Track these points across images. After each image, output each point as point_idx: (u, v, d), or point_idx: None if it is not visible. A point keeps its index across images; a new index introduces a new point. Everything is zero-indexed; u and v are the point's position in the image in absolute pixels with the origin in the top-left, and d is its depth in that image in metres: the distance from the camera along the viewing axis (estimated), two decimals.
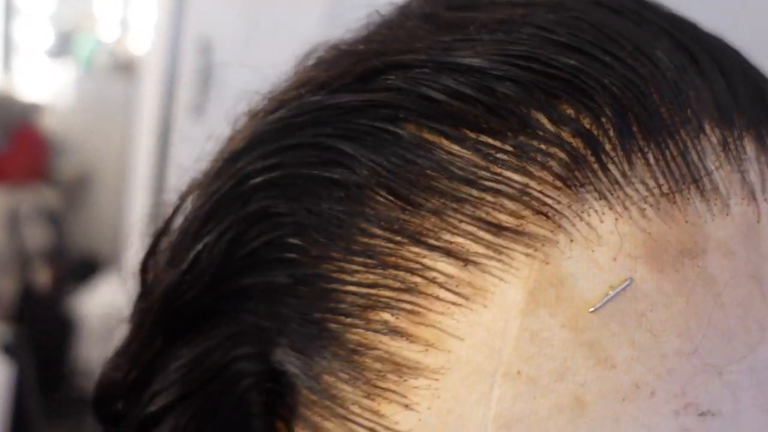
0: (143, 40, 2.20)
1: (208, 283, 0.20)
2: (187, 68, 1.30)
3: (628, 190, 0.17)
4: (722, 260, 0.17)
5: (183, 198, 0.21)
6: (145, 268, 0.22)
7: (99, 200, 2.13)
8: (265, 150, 0.19)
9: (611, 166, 0.17)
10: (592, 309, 0.16)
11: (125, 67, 2.14)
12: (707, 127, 0.18)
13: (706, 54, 0.19)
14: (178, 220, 0.21)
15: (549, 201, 0.17)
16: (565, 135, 0.17)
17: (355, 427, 0.18)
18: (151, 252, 0.22)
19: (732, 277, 0.17)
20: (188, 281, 0.20)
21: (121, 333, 0.23)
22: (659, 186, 0.17)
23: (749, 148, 0.18)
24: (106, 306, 1.83)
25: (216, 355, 0.20)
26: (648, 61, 0.18)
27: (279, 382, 0.20)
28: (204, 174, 0.21)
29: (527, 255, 0.17)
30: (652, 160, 0.17)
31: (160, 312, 0.21)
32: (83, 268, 2.01)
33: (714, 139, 0.18)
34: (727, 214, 0.17)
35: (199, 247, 0.19)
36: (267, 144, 0.19)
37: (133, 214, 1.47)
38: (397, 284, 0.18)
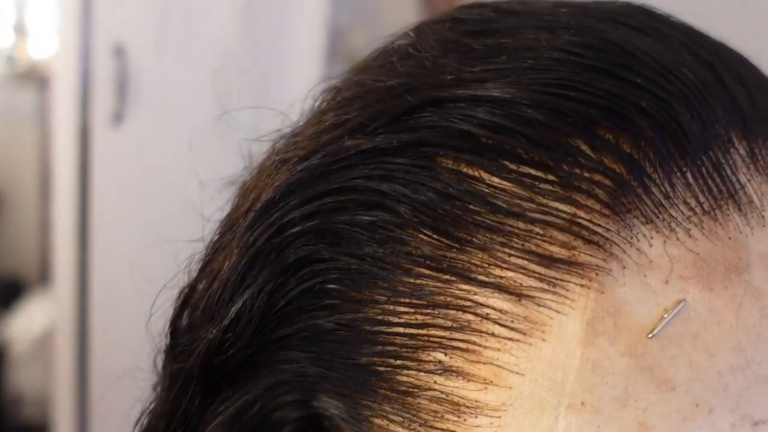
0: (46, 45, 2.09)
1: (249, 336, 0.19)
2: (101, 74, 1.25)
3: (672, 211, 0.17)
4: (765, 272, 0.18)
5: (212, 255, 0.21)
6: (175, 327, 0.21)
7: (18, 218, 2.02)
8: (301, 198, 0.19)
9: (654, 189, 0.17)
10: (650, 334, 0.17)
11: (29, 75, 2.03)
12: (735, 140, 0.18)
13: (724, 65, 0.19)
14: (205, 276, 0.21)
15: (599, 230, 0.17)
16: (608, 161, 0.17)
17: None
18: (181, 310, 0.21)
19: None
20: (230, 338, 0.19)
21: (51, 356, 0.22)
22: (700, 204, 0.17)
23: None
24: (34, 329, 1.75)
25: (257, 407, 0.20)
26: (676, 78, 0.18)
27: (322, 427, 0.20)
28: (230, 226, 0.20)
29: (582, 285, 0.17)
30: (690, 179, 0.18)
31: (200, 369, 0.20)
32: (7, 292, 1.91)
33: (742, 151, 0.18)
34: (764, 226, 0.18)
35: (239, 303, 0.19)
36: (303, 191, 0.19)
37: (59, 230, 1.40)
38: (449, 323, 0.18)
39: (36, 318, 1.77)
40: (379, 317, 0.18)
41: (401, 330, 0.18)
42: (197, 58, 1.16)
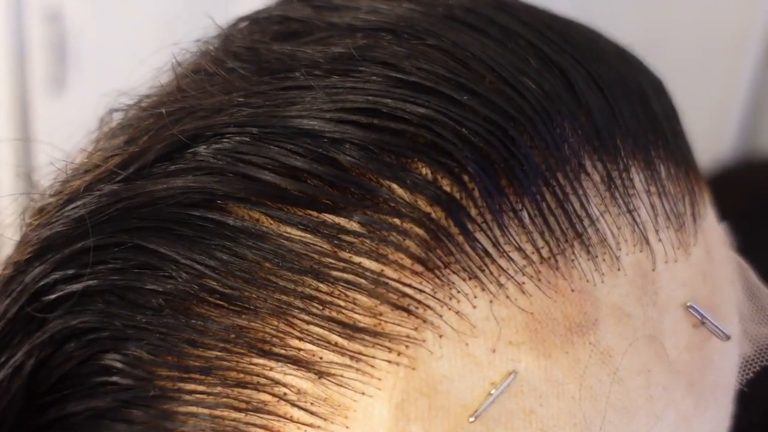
0: None
1: (15, 421, 0.16)
2: (36, 39, 1.18)
3: (502, 262, 0.14)
4: (617, 327, 0.15)
5: None
6: None
7: None
8: (59, 257, 0.15)
9: (479, 235, 0.14)
10: (471, 418, 0.14)
11: None
12: (588, 164, 0.15)
13: (581, 68, 0.16)
14: None
15: (409, 291, 0.14)
16: (422, 204, 0.14)
17: None
18: None
19: (630, 344, 0.15)
20: None
21: None
22: (538, 250, 0.14)
23: (637, 179, 0.16)
24: None
25: None
26: (515, 92, 0.15)
27: None
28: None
29: (389, 361, 0.14)
30: (527, 219, 0.14)
31: None
32: None
33: (597, 177, 0.15)
34: (618, 269, 0.15)
35: None
36: (61, 249, 0.15)
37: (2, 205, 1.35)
38: (243, 404, 0.15)
39: None
40: (169, 394, 0.15)
41: (194, 410, 0.15)
42: (141, 18, 1.10)
